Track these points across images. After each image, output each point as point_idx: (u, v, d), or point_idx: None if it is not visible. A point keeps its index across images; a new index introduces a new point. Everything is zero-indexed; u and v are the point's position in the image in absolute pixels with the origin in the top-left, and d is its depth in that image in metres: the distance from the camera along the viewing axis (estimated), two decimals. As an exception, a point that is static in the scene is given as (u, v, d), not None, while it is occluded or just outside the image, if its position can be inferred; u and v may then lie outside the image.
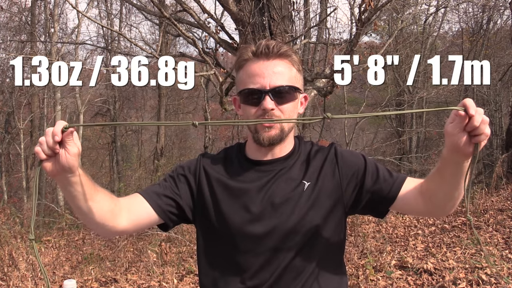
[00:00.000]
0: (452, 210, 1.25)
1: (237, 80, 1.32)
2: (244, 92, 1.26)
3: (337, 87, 5.16)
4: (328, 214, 1.28)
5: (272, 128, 1.25)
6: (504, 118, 13.35)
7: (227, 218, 1.28)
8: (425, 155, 13.98)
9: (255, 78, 1.24)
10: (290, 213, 1.25)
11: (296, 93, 1.28)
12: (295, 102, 1.29)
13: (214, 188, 1.31)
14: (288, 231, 1.25)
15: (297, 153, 1.35)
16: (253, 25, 4.27)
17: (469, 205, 1.06)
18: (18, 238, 6.57)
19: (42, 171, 1.15)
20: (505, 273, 4.03)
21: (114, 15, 16.14)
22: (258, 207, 1.27)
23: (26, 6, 14.39)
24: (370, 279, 4.23)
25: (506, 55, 13.64)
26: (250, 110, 1.25)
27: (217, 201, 1.30)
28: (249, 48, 1.28)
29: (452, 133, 1.04)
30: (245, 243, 1.27)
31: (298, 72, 1.31)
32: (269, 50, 1.25)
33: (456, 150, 1.05)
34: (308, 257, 1.26)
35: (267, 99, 1.22)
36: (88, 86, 16.88)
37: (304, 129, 8.79)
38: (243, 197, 1.28)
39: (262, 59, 1.25)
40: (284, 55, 1.27)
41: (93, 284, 4.93)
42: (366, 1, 3.57)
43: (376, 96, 14.56)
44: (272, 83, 1.23)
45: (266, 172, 1.31)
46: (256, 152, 1.33)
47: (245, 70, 1.27)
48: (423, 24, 13.81)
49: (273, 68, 1.25)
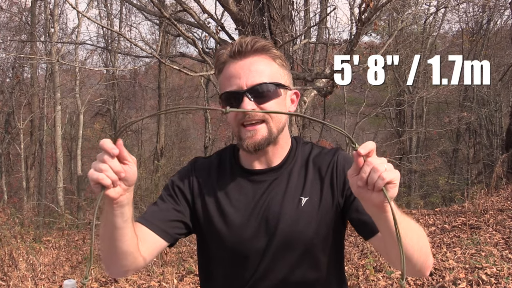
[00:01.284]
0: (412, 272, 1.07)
1: (218, 86, 1.24)
2: (223, 97, 1.17)
3: (337, 87, 5.16)
4: (327, 229, 1.20)
5: (257, 132, 1.15)
6: (504, 118, 13.36)
7: (220, 236, 1.22)
8: (425, 155, 13.99)
9: (232, 80, 1.15)
10: (287, 231, 1.18)
11: (279, 89, 1.17)
12: (280, 99, 1.17)
13: (207, 203, 1.24)
14: (285, 248, 1.19)
15: (293, 158, 1.25)
16: (253, 25, 4.27)
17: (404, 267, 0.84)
18: (18, 238, 6.57)
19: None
20: (505, 273, 4.03)
21: (114, 15, 16.15)
22: (253, 224, 1.20)
23: (26, 6, 14.40)
24: (370, 279, 4.23)
25: (506, 55, 13.65)
26: (231, 115, 1.17)
27: (210, 218, 1.23)
28: (224, 50, 1.20)
29: (349, 174, 0.91)
30: (241, 260, 1.22)
31: (280, 67, 1.20)
32: (243, 48, 1.15)
33: (361, 199, 0.93)
34: (306, 271, 1.21)
35: (245, 100, 1.13)
36: (88, 86, 16.94)
37: (304, 129, 8.78)
38: (237, 213, 1.21)
39: (238, 59, 1.16)
40: (261, 50, 1.17)
41: (93, 284, 4.93)
42: (366, 1, 3.57)
43: (376, 96, 14.57)
44: (249, 82, 1.14)
45: (259, 184, 1.23)
46: (248, 158, 1.25)
47: (224, 73, 1.19)
48: (423, 24, 13.82)
49: (250, 66, 1.15)
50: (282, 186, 1.22)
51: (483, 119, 13.97)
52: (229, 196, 1.24)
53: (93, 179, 0.91)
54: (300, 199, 1.20)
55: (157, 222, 1.20)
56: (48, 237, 7.81)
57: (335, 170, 1.21)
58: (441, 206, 8.01)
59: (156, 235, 1.19)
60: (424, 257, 1.05)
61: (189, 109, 1.10)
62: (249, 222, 1.20)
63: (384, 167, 0.87)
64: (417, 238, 1.02)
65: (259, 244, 1.20)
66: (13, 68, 14.17)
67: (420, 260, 1.04)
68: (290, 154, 1.25)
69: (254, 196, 1.22)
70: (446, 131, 14.51)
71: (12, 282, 4.89)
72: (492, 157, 12.61)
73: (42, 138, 14.57)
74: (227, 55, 1.18)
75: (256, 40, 1.18)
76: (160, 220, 1.20)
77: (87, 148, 18.63)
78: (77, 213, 12.39)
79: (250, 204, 1.21)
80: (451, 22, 21.49)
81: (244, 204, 1.22)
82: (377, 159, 0.88)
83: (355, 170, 0.89)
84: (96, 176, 0.91)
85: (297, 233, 1.18)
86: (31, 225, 8.60)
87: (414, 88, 13.40)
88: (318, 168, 1.23)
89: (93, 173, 0.91)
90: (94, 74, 17.56)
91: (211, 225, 1.23)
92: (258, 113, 1.13)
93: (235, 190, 1.24)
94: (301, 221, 1.18)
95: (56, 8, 14.01)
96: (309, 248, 1.19)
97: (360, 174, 0.88)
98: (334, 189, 1.20)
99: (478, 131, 14.58)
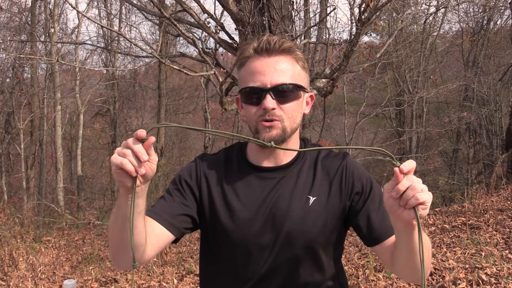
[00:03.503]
0: (412, 280, 1.16)
1: (239, 79, 1.25)
2: (244, 91, 1.19)
3: (337, 87, 5.16)
4: (332, 230, 1.23)
5: (273, 128, 1.17)
6: (504, 118, 13.35)
7: (226, 230, 1.23)
8: (425, 155, 13.98)
9: (256, 76, 1.17)
10: (293, 229, 1.20)
11: (300, 91, 1.20)
12: (299, 101, 1.20)
13: (213, 198, 1.25)
14: (290, 246, 1.21)
15: (302, 158, 1.27)
16: (253, 25, 4.27)
17: (424, 284, 0.92)
18: (18, 238, 6.57)
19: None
20: (505, 273, 4.03)
21: (114, 15, 16.15)
22: (260, 220, 1.21)
23: (26, 6, 14.41)
24: (370, 279, 4.23)
25: (506, 55, 13.65)
26: (251, 109, 1.18)
27: (216, 212, 1.24)
28: (250, 44, 1.21)
29: (386, 189, 0.96)
30: (245, 256, 1.22)
31: (302, 70, 1.22)
32: (271, 46, 1.18)
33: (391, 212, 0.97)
34: (308, 269, 1.23)
35: (268, 98, 1.15)
36: (88, 86, 16.94)
37: (304, 129, 8.79)
38: (243, 209, 1.22)
39: (264, 56, 1.18)
40: (287, 51, 1.19)
41: (93, 284, 4.92)
42: (366, 1, 3.57)
43: (376, 96, 14.57)
44: (273, 81, 1.16)
45: (267, 180, 1.24)
46: (258, 155, 1.26)
47: (247, 67, 1.20)
48: (423, 24, 13.81)
49: (275, 65, 1.17)
50: (290, 185, 1.24)
51: (483, 119, 13.96)
52: (236, 191, 1.25)
53: (117, 163, 0.92)
54: (308, 198, 1.22)
55: (165, 215, 1.21)
56: (48, 237, 7.81)
57: (344, 174, 1.24)
58: (441, 206, 8.00)
59: (164, 229, 1.19)
60: (428, 268, 1.10)
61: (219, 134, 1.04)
62: (256, 218, 1.22)
63: (421, 187, 0.92)
64: (428, 254, 1.09)
65: (264, 240, 1.21)
66: (13, 68, 14.17)
67: (426, 271, 1.08)
68: (300, 154, 1.27)
69: (262, 192, 1.23)
70: (446, 131, 14.50)
71: (12, 282, 4.89)
72: (492, 157, 12.60)
73: (42, 138, 14.57)
74: (253, 50, 1.20)
75: (284, 40, 1.20)
76: (168, 213, 1.21)
77: (87, 148, 18.63)
78: (77, 213, 12.39)
79: (257, 200, 1.23)
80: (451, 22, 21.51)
81: (252, 199, 1.23)
82: (415, 178, 0.92)
83: (392, 185, 0.94)
84: (120, 160, 0.92)
85: (303, 231, 1.20)
86: (31, 225, 8.61)
87: (414, 88, 13.41)
88: (326, 170, 1.26)
89: (117, 157, 0.92)
90: (94, 74, 17.57)
91: (217, 219, 1.24)
92: (277, 113, 1.16)
93: (243, 185, 1.25)
94: (308, 219, 1.20)
95: (56, 8, 14.02)
96: (312, 246, 1.21)
97: (398, 186, 0.92)
98: (342, 192, 1.23)
99: (478, 131, 14.58)
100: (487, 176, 10.12)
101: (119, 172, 0.93)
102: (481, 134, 14.47)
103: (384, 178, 12.18)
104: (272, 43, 1.18)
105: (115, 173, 0.94)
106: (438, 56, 15.49)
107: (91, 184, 18.32)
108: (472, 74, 13.54)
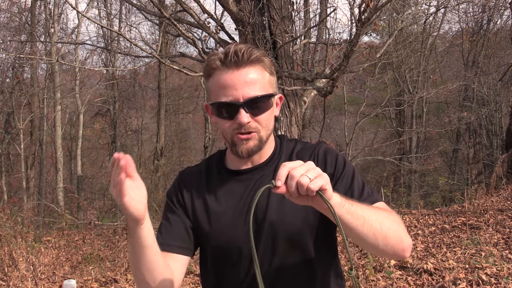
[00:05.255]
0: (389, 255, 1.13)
1: (207, 89, 1.24)
2: (216, 105, 1.18)
3: (337, 87, 5.16)
4: (314, 216, 1.22)
5: (250, 140, 1.19)
6: (504, 118, 13.36)
7: (209, 237, 1.26)
8: (425, 155, 13.99)
9: (226, 90, 1.15)
10: (274, 222, 1.21)
11: (271, 99, 1.21)
12: (271, 110, 1.22)
13: (195, 208, 1.28)
14: (275, 239, 1.21)
15: (277, 155, 1.29)
16: (253, 25, 4.27)
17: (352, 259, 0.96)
18: (18, 238, 6.57)
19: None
20: (505, 273, 4.03)
21: (114, 15, 16.16)
22: (241, 221, 1.22)
23: (26, 6, 14.41)
24: (370, 279, 4.23)
25: (506, 55, 13.66)
26: (225, 123, 1.19)
27: (199, 221, 1.27)
28: (216, 56, 1.18)
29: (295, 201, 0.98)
30: (233, 259, 1.24)
31: (271, 76, 1.22)
32: (239, 58, 1.15)
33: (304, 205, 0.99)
34: (297, 260, 1.23)
35: (241, 113, 1.15)
36: (88, 86, 16.95)
37: (304, 129, 8.79)
38: (226, 214, 1.25)
39: (232, 68, 1.16)
40: (256, 60, 1.18)
41: (93, 284, 4.92)
42: (366, 1, 3.57)
43: (376, 96, 14.58)
44: (245, 95, 1.15)
45: (245, 182, 1.26)
46: (235, 162, 1.29)
47: (215, 80, 1.18)
48: (423, 24, 13.82)
49: (245, 77, 1.16)
50: (268, 182, 1.23)
51: (483, 119, 13.97)
52: (217, 197, 1.27)
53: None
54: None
55: (176, 242, 1.25)
56: (48, 237, 7.82)
57: (315, 160, 1.25)
58: (441, 206, 8.01)
59: (180, 255, 1.25)
60: (393, 241, 1.08)
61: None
62: (238, 220, 1.23)
63: (307, 179, 0.91)
64: (379, 224, 1.06)
65: (247, 240, 1.21)
66: (13, 68, 14.17)
67: (389, 244, 1.08)
68: (275, 152, 1.29)
69: (242, 195, 1.25)
70: (446, 131, 14.50)
71: (12, 282, 4.89)
72: (492, 157, 12.61)
73: (42, 138, 14.57)
74: (220, 62, 1.17)
75: (251, 50, 1.18)
76: (175, 239, 1.26)
77: (87, 148, 18.63)
78: (77, 213, 12.40)
79: (239, 203, 1.25)
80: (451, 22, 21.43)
81: (234, 203, 1.25)
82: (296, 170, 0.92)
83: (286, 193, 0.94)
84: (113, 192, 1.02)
85: (285, 223, 1.21)
86: (31, 225, 8.60)
87: (414, 88, 13.41)
88: (301, 159, 1.26)
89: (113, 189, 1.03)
90: (94, 74, 17.57)
91: (200, 227, 1.27)
92: (252, 125, 1.18)
93: (224, 191, 1.27)
94: (287, 211, 1.21)
95: (56, 8, 14.02)
96: (298, 237, 1.22)
97: (288, 190, 0.93)
98: None
99: (478, 131, 14.58)
100: (487, 176, 10.13)
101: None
102: (481, 134, 14.48)
103: (384, 178, 12.18)
104: (240, 54, 1.16)
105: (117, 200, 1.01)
106: (438, 56, 15.50)
107: (91, 184, 18.32)
108: (472, 74, 13.54)
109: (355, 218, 1.02)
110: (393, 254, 1.11)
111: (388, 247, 1.08)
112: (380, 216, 1.08)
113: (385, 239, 1.07)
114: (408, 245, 1.12)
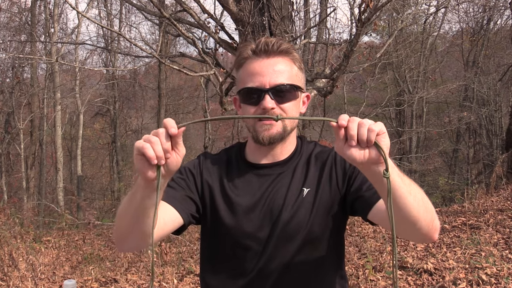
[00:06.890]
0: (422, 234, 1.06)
1: (237, 79, 1.28)
2: (243, 91, 1.22)
3: (337, 87, 5.16)
4: (328, 220, 1.25)
5: (273, 126, 1.21)
6: (504, 118, 13.36)
7: (225, 225, 1.26)
8: (425, 155, 13.98)
9: (254, 77, 1.20)
10: (289, 221, 1.23)
11: (297, 92, 1.24)
12: (297, 101, 1.24)
13: (214, 194, 1.29)
14: (287, 238, 1.23)
15: (298, 155, 1.31)
16: (253, 25, 4.27)
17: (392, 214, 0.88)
18: (18, 238, 6.57)
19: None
20: (505, 273, 4.03)
21: (114, 15, 16.14)
22: (257, 214, 1.24)
23: (26, 6, 14.41)
24: (370, 279, 4.23)
25: (506, 55, 13.65)
26: (250, 109, 1.21)
27: (217, 208, 1.27)
28: (248, 46, 1.24)
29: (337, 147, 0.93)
30: (243, 251, 1.25)
31: (299, 70, 1.26)
32: (269, 48, 1.21)
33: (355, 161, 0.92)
34: (306, 260, 1.25)
35: (266, 98, 1.18)
36: (88, 86, 16.94)
37: (304, 129, 8.78)
38: (243, 204, 1.26)
39: (262, 57, 1.21)
40: (285, 52, 1.23)
41: (93, 284, 4.92)
42: (366, 1, 3.57)
43: (376, 96, 14.57)
44: (272, 82, 1.19)
45: (265, 177, 1.28)
46: (256, 153, 1.30)
47: (245, 68, 1.23)
48: (423, 24, 13.81)
49: (273, 66, 1.20)
50: (287, 180, 1.27)
51: (483, 119, 13.97)
52: (236, 188, 1.28)
53: (138, 147, 0.90)
54: (302, 190, 1.25)
55: (174, 199, 1.22)
56: (48, 237, 7.81)
57: (333, 161, 1.28)
58: (441, 206, 8.01)
59: (175, 211, 1.20)
60: (430, 216, 1.03)
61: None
62: (254, 213, 1.25)
63: (368, 121, 0.90)
64: (421, 196, 1.02)
65: (262, 234, 1.24)
66: (13, 68, 14.17)
67: (427, 219, 1.02)
68: (296, 151, 1.31)
69: (260, 188, 1.27)
70: (446, 131, 14.50)
71: (12, 282, 4.89)
72: (492, 157, 12.60)
73: (42, 138, 14.57)
74: (251, 51, 1.23)
75: (282, 42, 1.23)
76: (175, 197, 1.23)
77: (87, 148, 18.62)
78: (77, 213, 12.39)
79: (255, 196, 1.26)
80: (451, 22, 21.49)
81: (250, 195, 1.27)
82: (355, 117, 0.91)
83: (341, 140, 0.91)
84: (142, 145, 0.89)
85: (298, 222, 1.23)
86: (31, 225, 8.61)
87: (414, 88, 13.40)
88: (319, 162, 1.30)
89: (140, 142, 0.90)
90: (94, 74, 17.56)
91: (218, 214, 1.27)
92: (277, 111, 1.19)
93: (242, 183, 1.29)
94: (302, 210, 1.23)
95: (56, 8, 14.01)
96: (309, 237, 1.24)
97: (349, 132, 0.89)
98: (333, 178, 1.26)
99: (478, 131, 14.58)
100: (487, 176, 10.12)
101: (139, 158, 0.91)
102: (481, 134, 14.47)
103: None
104: (270, 44, 1.21)
105: (135, 159, 0.92)
106: (438, 56, 15.49)
107: (91, 184, 18.33)
108: (472, 74, 13.54)
109: (404, 183, 0.97)
110: (426, 234, 1.05)
111: (424, 224, 1.02)
112: (419, 190, 1.04)
113: (426, 213, 1.02)
114: (439, 226, 1.09)
